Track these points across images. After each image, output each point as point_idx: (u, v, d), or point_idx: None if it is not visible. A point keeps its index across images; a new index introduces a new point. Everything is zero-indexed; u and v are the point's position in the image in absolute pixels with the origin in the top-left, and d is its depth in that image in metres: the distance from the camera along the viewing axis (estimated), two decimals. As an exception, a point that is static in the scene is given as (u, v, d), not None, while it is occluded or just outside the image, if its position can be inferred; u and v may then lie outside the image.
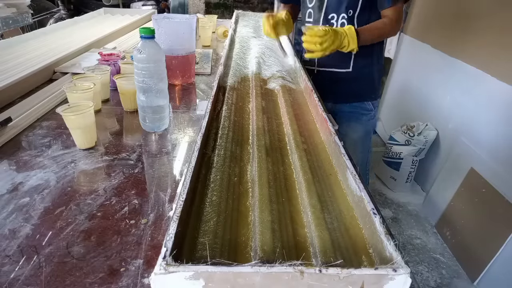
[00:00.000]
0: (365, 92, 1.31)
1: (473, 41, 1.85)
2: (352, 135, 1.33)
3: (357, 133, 1.34)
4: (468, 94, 1.86)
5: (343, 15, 1.16)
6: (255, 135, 0.69)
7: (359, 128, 1.33)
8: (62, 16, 3.58)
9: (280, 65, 1.19)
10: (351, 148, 1.34)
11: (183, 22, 1.11)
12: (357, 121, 1.33)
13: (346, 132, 1.33)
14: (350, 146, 1.33)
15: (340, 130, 1.34)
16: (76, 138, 0.77)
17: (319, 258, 0.40)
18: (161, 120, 0.86)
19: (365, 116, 1.33)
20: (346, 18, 1.16)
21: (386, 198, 2.19)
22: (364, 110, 1.32)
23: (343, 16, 1.17)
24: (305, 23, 1.27)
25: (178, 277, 0.34)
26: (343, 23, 1.17)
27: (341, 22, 1.18)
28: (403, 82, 2.55)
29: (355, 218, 0.48)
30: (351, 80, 1.26)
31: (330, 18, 1.19)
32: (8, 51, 1.32)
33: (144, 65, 0.78)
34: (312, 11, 1.23)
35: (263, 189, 0.52)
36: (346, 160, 0.55)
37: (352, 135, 1.33)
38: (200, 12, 3.25)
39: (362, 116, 1.33)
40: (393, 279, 0.35)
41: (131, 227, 0.55)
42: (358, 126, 1.33)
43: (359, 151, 1.36)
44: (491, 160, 1.63)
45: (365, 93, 1.31)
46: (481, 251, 1.57)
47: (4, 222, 0.55)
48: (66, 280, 0.45)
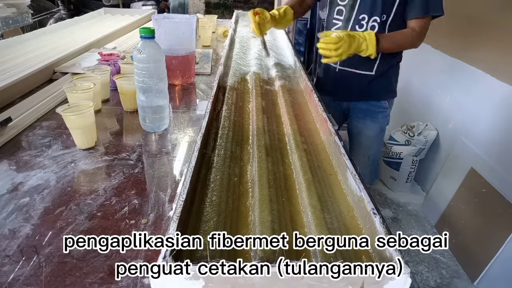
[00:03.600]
0: (384, 92, 1.30)
1: (473, 42, 1.85)
2: (368, 132, 1.34)
3: (372, 130, 1.34)
4: (468, 94, 1.86)
5: (375, 18, 1.13)
6: (255, 135, 0.69)
7: (375, 125, 1.33)
8: (62, 16, 3.58)
9: (280, 65, 1.19)
10: (366, 144, 1.35)
11: (183, 22, 1.11)
12: (373, 118, 1.32)
13: (361, 129, 1.34)
14: (365, 143, 1.35)
15: (355, 126, 1.36)
16: (76, 138, 0.77)
17: (319, 258, 0.40)
18: (161, 120, 0.86)
19: (381, 114, 1.32)
20: (378, 22, 1.13)
21: (386, 198, 2.18)
22: (381, 108, 1.32)
23: (375, 19, 1.13)
24: (333, 20, 1.24)
25: (178, 277, 0.34)
26: (373, 26, 1.14)
27: (372, 25, 1.14)
28: (403, 82, 2.54)
29: (355, 218, 0.48)
30: (371, 81, 1.25)
31: (361, 19, 1.16)
32: (8, 51, 1.32)
33: (144, 65, 0.78)
34: (343, 9, 1.19)
35: (263, 189, 0.52)
36: (346, 160, 0.55)
37: (368, 132, 1.34)
38: (200, 12, 3.25)
39: (378, 114, 1.32)
40: (393, 279, 0.35)
41: (131, 227, 0.55)
42: (373, 124, 1.33)
43: (374, 147, 1.37)
44: (491, 160, 1.63)
45: (384, 93, 1.31)
46: (481, 251, 1.56)
47: (4, 222, 0.55)
48: (66, 280, 0.45)
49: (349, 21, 1.19)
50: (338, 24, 1.23)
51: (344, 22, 1.21)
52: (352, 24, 1.18)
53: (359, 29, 1.17)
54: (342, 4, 1.20)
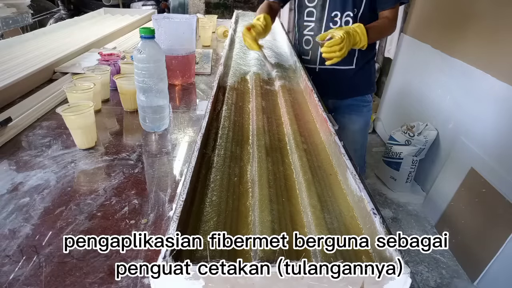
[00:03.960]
0: (366, 86, 1.35)
1: (473, 41, 1.85)
2: (353, 126, 1.38)
3: (358, 124, 1.38)
4: (468, 94, 1.86)
5: (348, 13, 1.18)
6: (255, 135, 0.69)
7: (360, 119, 1.38)
8: (62, 16, 3.58)
9: (280, 65, 1.19)
10: (352, 138, 1.38)
11: (183, 22, 1.11)
12: (358, 113, 1.36)
13: (347, 124, 1.37)
14: (351, 137, 1.37)
15: (340, 122, 1.37)
16: (76, 138, 0.77)
17: (319, 258, 0.40)
18: (161, 120, 0.86)
19: (365, 108, 1.37)
20: (352, 16, 1.18)
21: (386, 198, 2.19)
22: (365, 102, 1.36)
23: (347, 14, 1.18)
24: (304, 22, 1.27)
25: (178, 277, 0.34)
26: (347, 21, 1.18)
27: (346, 20, 1.19)
28: (403, 82, 2.55)
29: (355, 218, 0.48)
30: (353, 76, 1.28)
31: (334, 16, 1.19)
32: (8, 51, 1.32)
33: (144, 65, 0.78)
34: (314, 10, 1.23)
35: (263, 189, 0.52)
36: (346, 160, 0.55)
37: (353, 126, 1.38)
38: (200, 12, 3.25)
39: (363, 108, 1.37)
40: (393, 279, 0.35)
41: (131, 227, 0.55)
42: (359, 118, 1.37)
43: (359, 141, 1.42)
44: (491, 160, 1.63)
45: (366, 87, 1.35)
46: (481, 251, 1.56)
47: (4, 222, 0.55)
48: (66, 280, 0.45)
49: (321, 20, 1.22)
50: (311, 25, 1.26)
51: (317, 22, 1.24)
52: (326, 22, 1.21)
53: (333, 26, 1.20)
54: (311, 5, 1.23)
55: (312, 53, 1.30)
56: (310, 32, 1.27)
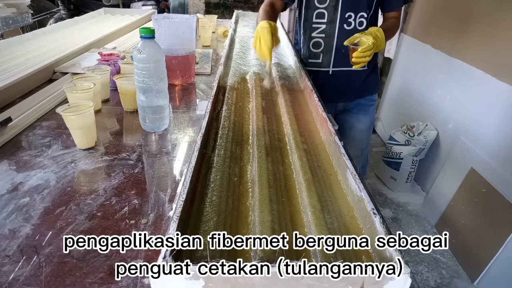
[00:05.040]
0: (374, 85, 1.36)
1: (473, 42, 1.85)
2: (360, 126, 1.38)
3: (364, 124, 1.39)
4: (468, 94, 1.86)
5: (362, 14, 1.17)
6: (255, 135, 0.69)
7: (367, 119, 1.38)
8: (62, 16, 3.58)
9: (280, 65, 1.19)
10: (359, 138, 1.39)
11: (183, 22, 1.11)
12: (365, 112, 1.37)
13: (355, 124, 1.38)
14: (358, 136, 1.38)
15: (348, 121, 1.38)
16: (76, 138, 0.77)
17: (319, 258, 0.40)
18: (161, 120, 0.86)
19: (371, 107, 1.38)
20: (365, 17, 1.18)
21: (386, 198, 2.18)
22: (372, 101, 1.37)
23: (361, 15, 1.18)
24: (313, 25, 1.23)
25: (178, 277, 0.34)
26: (361, 22, 1.18)
27: (359, 21, 1.18)
28: (403, 82, 2.55)
29: (355, 218, 0.48)
30: (363, 76, 1.29)
31: (348, 17, 1.18)
32: (8, 51, 1.32)
33: (144, 65, 0.78)
34: (325, 11, 1.20)
35: (263, 189, 0.52)
36: (346, 160, 0.55)
37: (360, 126, 1.38)
38: (200, 12, 3.25)
39: (369, 107, 1.37)
40: (393, 279, 0.35)
41: (131, 227, 0.55)
42: (365, 117, 1.38)
43: (365, 141, 1.42)
44: (491, 160, 1.63)
45: (374, 86, 1.36)
46: (481, 251, 1.56)
47: (4, 222, 0.55)
48: (66, 280, 0.45)
49: (334, 22, 1.20)
50: (321, 27, 1.22)
51: (329, 23, 1.21)
52: (339, 24, 1.19)
53: (347, 27, 1.19)
54: (322, 6, 1.20)
55: (323, 56, 1.25)
56: (320, 34, 1.23)
